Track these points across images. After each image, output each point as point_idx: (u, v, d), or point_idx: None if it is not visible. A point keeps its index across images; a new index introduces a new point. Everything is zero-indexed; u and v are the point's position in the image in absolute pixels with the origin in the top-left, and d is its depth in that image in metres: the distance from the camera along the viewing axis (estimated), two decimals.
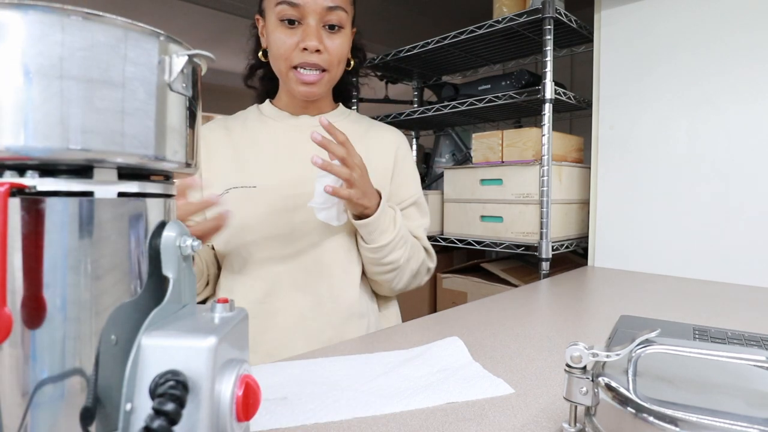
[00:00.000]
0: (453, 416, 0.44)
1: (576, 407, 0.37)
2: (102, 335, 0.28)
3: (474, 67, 1.81)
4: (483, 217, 1.42)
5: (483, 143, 1.41)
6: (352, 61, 0.87)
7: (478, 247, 1.43)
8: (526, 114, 1.69)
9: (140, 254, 0.31)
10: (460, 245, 1.47)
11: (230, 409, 0.30)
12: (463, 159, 1.84)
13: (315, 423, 0.43)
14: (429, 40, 1.49)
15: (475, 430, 0.42)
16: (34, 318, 0.26)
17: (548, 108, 1.23)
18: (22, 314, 0.26)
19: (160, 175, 0.34)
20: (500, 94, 1.36)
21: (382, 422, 0.43)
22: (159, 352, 0.29)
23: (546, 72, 1.23)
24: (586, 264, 1.31)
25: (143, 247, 0.31)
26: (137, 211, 0.31)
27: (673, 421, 0.29)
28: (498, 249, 1.37)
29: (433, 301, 1.76)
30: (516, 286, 1.45)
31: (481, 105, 1.40)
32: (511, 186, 1.33)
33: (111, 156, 0.28)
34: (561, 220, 1.33)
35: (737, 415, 0.29)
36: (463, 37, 1.39)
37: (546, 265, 1.24)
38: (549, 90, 1.22)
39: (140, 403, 0.28)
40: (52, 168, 0.27)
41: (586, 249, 1.33)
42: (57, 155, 0.26)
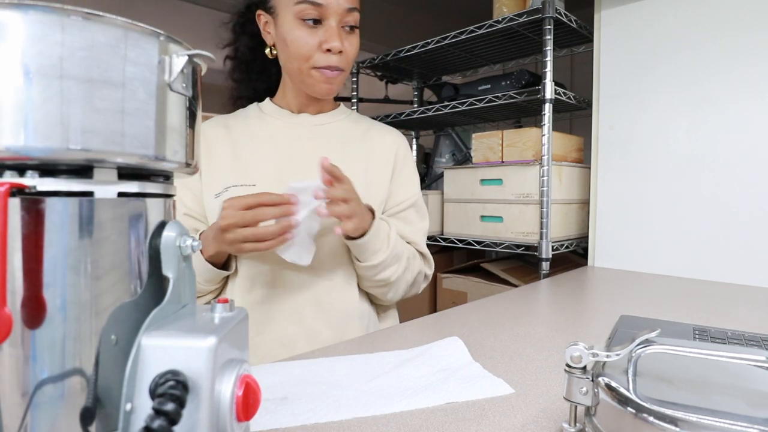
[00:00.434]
0: (453, 416, 0.44)
1: (576, 407, 0.38)
2: (102, 335, 0.28)
3: (474, 67, 1.82)
4: (483, 217, 1.42)
5: (483, 143, 1.41)
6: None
7: (478, 247, 1.43)
8: (526, 114, 1.69)
9: (140, 254, 0.31)
10: (460, 245, 1.47)
11: (230, 409, 0.30)
12: (463, 159, 1.84)
13: (315, 423, 0.43)
14: (429, 40, 1.49)
15: (475, 430, 0.42)
16: (34, 318, 0.26)
17: (548, 108, 1.23)
18: (22, 314, 0.26)
19: (160, 175, 0.34)
20: (500, 94, 1.36)
21: (382, 422, 0.43)
22: (159, 352, 0.29)
23: (546, 72, 1.23)
24: (586, 264, 1.31)
25: (143, 247, 0.31)
26: (137, 211, 0.31)
27: (673, 421, 0.29)
28: (498, 249, 1.37)
29: (433, 301, 1.76)
30: (516, 286, 1.45)
31: (481, 105, 1.40)
32: (511, 186, 1.33)
33: (111, 156, 0.28)
34: (561, 220, 1.33)
35: (737, 415, 0.29)
36: (463, 37, 1.39)
37: (546, 265, 1.24)
38: (549, 90, 1.22)
39: (140, 403, 0.28)
40: (52, 168, 0.27)
41: (586, 249, 1.33)
42: (57, 155, 0.26)
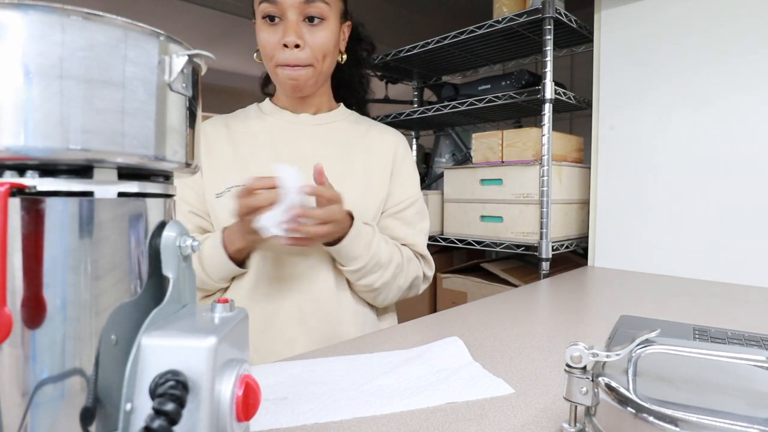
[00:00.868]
0: (453, 416, 0.44)
1: (576, 407, 0.38)
2: (102, 335, 0.28)
3: (474, 67, 1.81)
4: (483, 217, 1.41)
5: (483, 143, 1.41)
6: (344, 55, 0.85)
7: (478, 247, 1.43)
8: (526, 114, 1.69)
9: (140, 254, 0.31)
10: (460, 245, 1.47)
11: (230, 409, 0.30)
12: (463, 159, 1.84)
13: (315, 423, 0.43)
14: (429, 40, 1.49)
15: (475, 430, 0.42)
16: (34, 318, 0.26)
17: (548, 108, 1.23)
18: (22, 314, 0.26)
19: (160, 175, 0.34)
20: (500, 94, 1.36)
21: (382, 422, 0.43)
22: (159, 352, 0.29)
23: (546, 72, 1.23)
24: (586, 264, 1.31)
25: (143, 247, 0.31)
26: (137, 211, 0.31)
27: (673, 421, 0.29)
28: (498, 249, 1.37)
29: (433, 301, 1.76)
30: (516, 286, 1.45)
31: (481, 105, 1.40)
32: (511, 186, 1.33)
33: (111, 156, 0.28)
34: (561, 220, 1.33)
35: (737, 415, 0.29)
36: (463, 37, 1.39)
37: (546, 265, 1.24)
38: (549, 90, 1.22)
39: (140, 403, 0.28)
40: (52, 168, 0.27)
41: (586, 249, 1.33)
42: (57, 155, 0.26)
